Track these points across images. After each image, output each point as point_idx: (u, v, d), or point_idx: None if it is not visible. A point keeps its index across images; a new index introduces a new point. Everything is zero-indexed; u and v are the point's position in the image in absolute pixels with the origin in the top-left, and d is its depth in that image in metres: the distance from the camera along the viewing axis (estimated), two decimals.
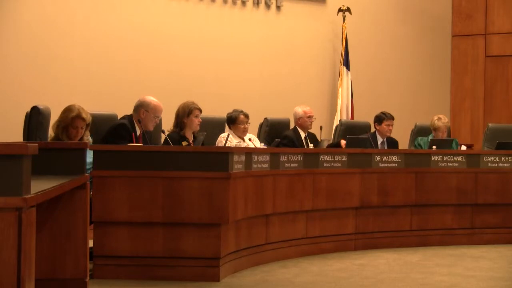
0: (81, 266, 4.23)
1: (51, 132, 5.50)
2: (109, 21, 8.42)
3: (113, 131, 5.81)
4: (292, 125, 7.79)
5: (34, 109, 5.54)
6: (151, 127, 6.00)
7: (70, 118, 5.40)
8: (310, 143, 7.47)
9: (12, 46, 7.86)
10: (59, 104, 5.67)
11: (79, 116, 5.41)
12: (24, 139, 5.52)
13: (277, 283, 5.04)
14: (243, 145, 6.75)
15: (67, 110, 5.46)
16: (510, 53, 10.45)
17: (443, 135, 7.96)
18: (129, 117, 5.97)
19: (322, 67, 9.99)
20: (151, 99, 6.01)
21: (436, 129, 7.98)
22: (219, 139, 6.72)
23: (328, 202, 6.37)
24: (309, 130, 7.72)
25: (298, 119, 7.62)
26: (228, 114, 6.95)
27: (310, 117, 7.62)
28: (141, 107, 5.95)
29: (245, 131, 6.89)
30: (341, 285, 5.01)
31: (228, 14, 9.24)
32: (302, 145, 7.40)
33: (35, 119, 5.48)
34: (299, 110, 7.65)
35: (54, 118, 5.81)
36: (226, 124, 7.00)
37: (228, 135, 6.63)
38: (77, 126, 5.41)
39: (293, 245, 6.10)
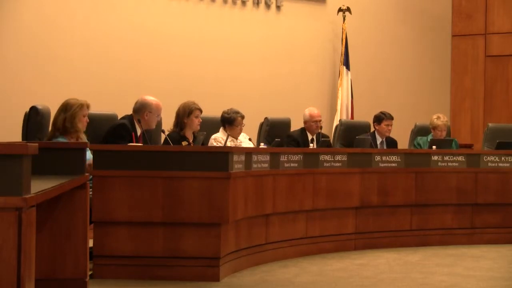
0: (81, 266, 4.23)
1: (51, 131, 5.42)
2: (109, 21, 8.42)
3: (113, 131, 5.81)
4: (292, 125, 7.80)
5: (33, 109, 5.54)
6: (154, 126, 6.05)
7: (79, 108, 5.31)
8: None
9: (12, 46, 7.86)
10: (59, 104, 5.65)
11: (85, 104, 5.36)
12: (22, 139, 5.51)
13: (277, 283, 5.04)
14: (236, 144, 6.73)
15: (72, 104, 5.33)
16: (510, 53, 10.45)
17: (442, 134, 7.96)
18: (129, 117, 5.97)
19: (322, 67, 9.99)
20: (151, 99, 6.02)
21: (435, 127, 7.98)
22: (210, 141, 6.68)
23: (328, 202, 6.37)
24: (321, 132, 7.69)
25: (304, 122, 7.58)
26: (224, 114, 6.84)
27: (316, 121, 7.56)
28: (145, 109, 5.95)
29: (240, 132, 6.88)
30: (341, 285, 5.01)
31: (228, 14, 9.24)
32: (307, 147, 7.36)
33: (33, 119, 5.48)
34: (306, 113, 7.57)
35: None
36: (221, 123, 6.90)
37: (228, 136, 6.62)
38: (86, 115, 5.38)
39: (293, 245, 6.10)
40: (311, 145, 7.42)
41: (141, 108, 5.96)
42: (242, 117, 6.83)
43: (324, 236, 6.38)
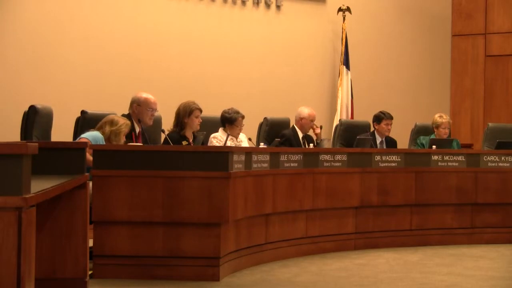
0: (81, 266, 4.23)
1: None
2: (109, 20, 8.42)
3: None
4: (292, 125, 7.79)
5: (32, 108, 5.54)
6: (148, 121, 5.99)
7: (125, 127, 5.51)
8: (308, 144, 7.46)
9: (12, 45, 7.86)
10: (59, 103, 5.68)
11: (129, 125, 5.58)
12: (21, 138, 5.52)
13: (277, 283, 5.03)
14: (236, 144, 6.74)
15: (115, 121, 5.49)
16: (510, 52, 10.44)
17: (446, 132, 7.95)
18: (126, 116, 5.96)
19: (322, 67, 9.98)
20: (142, 93, 6.03)
21: (438, 125, 7.96)
22: (210, 140, 6.68)
23: (328, 201, 6.37)
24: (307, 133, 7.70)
25: (300, 119, 7.55)
26: (225, 113, 6.82)
27: (312, 121, 7.59)
28: (133, 102, 6.00)
29: (239, 132, 6.89)
30: (341, 284, 5.00)
31: (228, 13, 9.24)
32: (299, 145, 7.38)
33: (32, 118, 5.48)
34: (305, 111, 7.56)
35: (55, 117, 5.83)
36: (221, 122, 6.89)
37: (228, 135, 6.63)
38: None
39: (293, 244, 6.10)
40: (311, 144, 7.42)
41: (131, 103, 6.00)
42: (243, 117, 6.84)
43: (324, 236, 6.37)
